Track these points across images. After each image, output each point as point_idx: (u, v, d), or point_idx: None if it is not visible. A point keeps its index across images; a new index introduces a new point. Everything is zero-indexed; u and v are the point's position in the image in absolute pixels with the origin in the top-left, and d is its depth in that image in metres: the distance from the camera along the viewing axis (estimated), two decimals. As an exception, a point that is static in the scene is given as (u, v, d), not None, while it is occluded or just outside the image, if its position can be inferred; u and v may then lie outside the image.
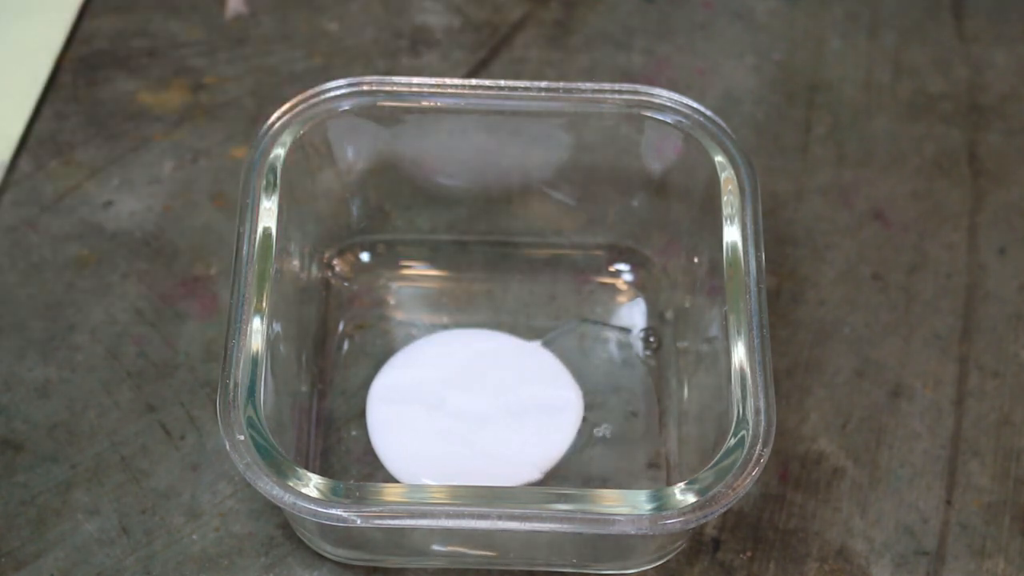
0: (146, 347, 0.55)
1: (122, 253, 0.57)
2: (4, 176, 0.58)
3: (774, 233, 0.59)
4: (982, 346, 0.56)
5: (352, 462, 0.53)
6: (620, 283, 0.57)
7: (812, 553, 0.52)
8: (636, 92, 0.53)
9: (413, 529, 0.47)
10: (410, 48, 0.63)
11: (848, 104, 0.62)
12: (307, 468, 0.47)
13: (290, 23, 0.63)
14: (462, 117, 0.53)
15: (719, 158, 0.51)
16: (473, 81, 0.53)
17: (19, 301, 0.56)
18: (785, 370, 0.55)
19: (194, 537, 0.52)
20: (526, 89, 0.52)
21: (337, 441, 0.54)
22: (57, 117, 0.60)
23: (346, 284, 0.57)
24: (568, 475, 0.53)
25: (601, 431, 0.54)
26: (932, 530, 0.53)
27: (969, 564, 0.52)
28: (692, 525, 0.45)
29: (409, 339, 0.55)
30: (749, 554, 0.52)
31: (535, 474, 0.52)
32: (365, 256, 0.57)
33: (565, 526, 0.45)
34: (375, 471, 0.53)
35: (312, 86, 0.53)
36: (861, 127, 0.61)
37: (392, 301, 0.57)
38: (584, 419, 0.54)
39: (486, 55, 0.63)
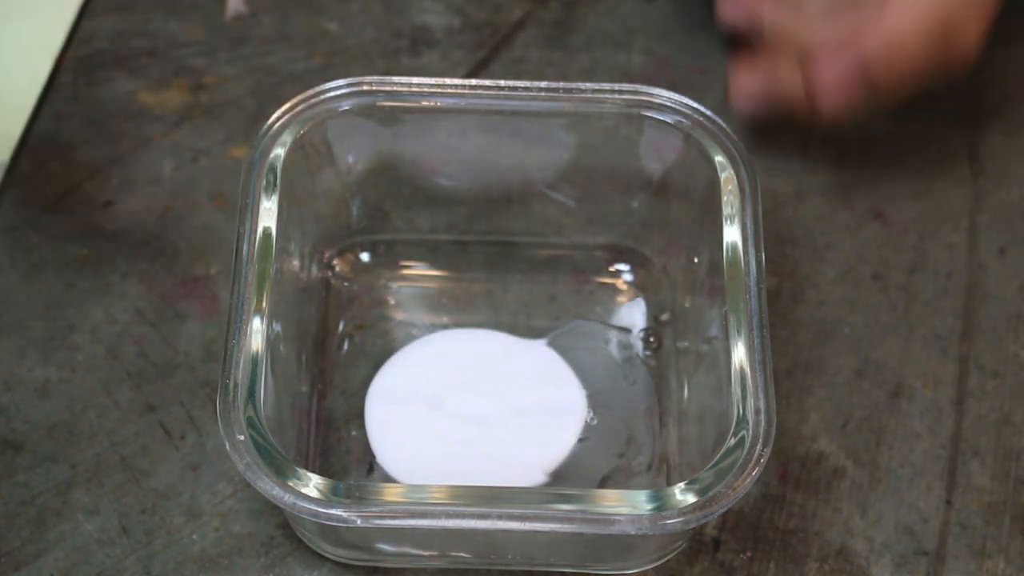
0: (146, 347, 0.55)
1: (122, 253, 0.57)
2: (4, 176, 0.58)
3: (774, 233, 0.59)
4: (982, 346, 0.56)
5: (352, 462, 0.53)
6: (620, 283, 0.57)
7: (812, 553, 0.52)
8: (636, 92, 0.53)
9: (412, 529, 0.47)
10: (410, 48, 0.63)
11: (848, 104, 0.62)
12: (307, 468, 0.47)
13: (290, 23, 0.63)
14: (462, 117, 0.53)
15: (719, 158, 0.51)
16: (473, 81, 0.53)
17: (19, 301, 0.56)
18: (785, 370, 0.55)
19: (194, 537, 0.52)
20: (526, 89, 0.52)
21: (337, 441, 0.53)
22: (57, 117, 0.60)
23: (346, 284, 0.57)
24: (568, 475, 0.53)
25: (601, 431, 0.54)
26: (932, 530, 0.53)
27: (969, 564, 0.52)
28: (692, 525, 0.45)
29: (409, 339, 0.55)
30: (749, 554, 0.52)
31: (540, 477, 0.52)
32: (365, 256, 0.57)
33: (565, 526, 0.45)
34: (375, 472, 0.53)
35: (312, 86, 0.53)
36: (861, 127, 0.61)
37: (392, 301, 0.57)
38: (585, 419, 0.54)
39: (486, 55, 0.63)
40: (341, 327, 0.56)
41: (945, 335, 0.56)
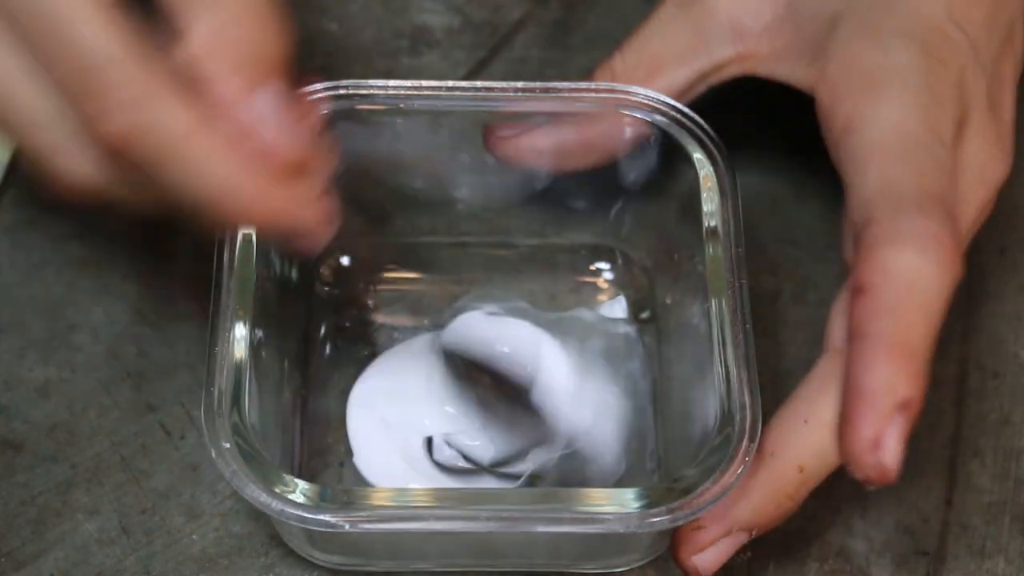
0: (146, 347, 0.55)
1: (122, 253, 0.57)
2: (4, 176, 0.58)
3: (774, 233, 0.59)
4: (982, 346, 0.56)
5: (337, 468, 0.53)
6: (600, 281, 0.57)
7: (812, 553, 0.52)
8: (612, 90, 0.53)
9: (403, 533, 0.47)
10: (410, 48, 0.63)
11: (849, 103, 0.62)
12: (293, 474, 0.46)
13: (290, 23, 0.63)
14: (439, 119, 0.53)
15: (697, 155, 0.52)
16: (449, 83, 0.52)
17: (19, 301, 0.56)
18: (785, 370, 0.55)
19: (194, 537, 0.52)
20: (502, 90, 0.52)
21: (323, 446, 0.53)
22: (58, 117, 0.60)
23: (327, 288, 0.56)
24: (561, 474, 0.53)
25: (591, 430, 0.54)
26: (932, 530, 0.53)
27: (969, 564, 0.52)
28: (681, 522, 0.45)
29: (392, 342, 0.55)
30: (749, 554, 0.52)
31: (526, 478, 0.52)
32: (346, 260, 0.57)
33: (555, 527, 0.45)
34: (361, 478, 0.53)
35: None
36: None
37: (372, 304, 0.56)
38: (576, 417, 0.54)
39: (486, 55, 0.63)
40: (323, 331, 0.55)
41: (945, 335, 0.56)
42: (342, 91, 0.52)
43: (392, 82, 0.52)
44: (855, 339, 0.44)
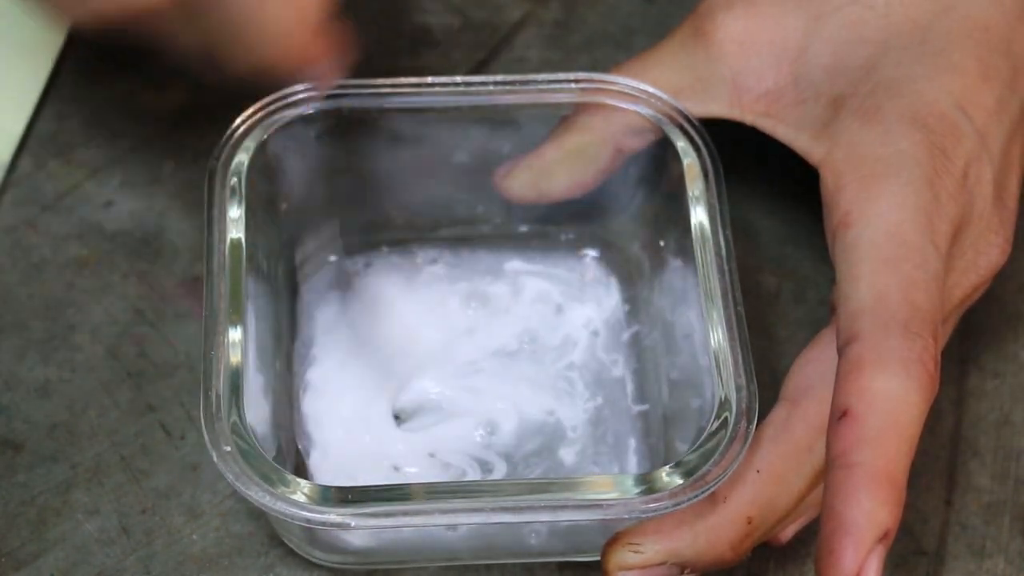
0: (146, 347, 0.55)
1: (122, 253, 0.57)
2: (4, 176, 0.59)
3: (775, 233, 0.59)
4: (982, 346, 0.56)
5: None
6: (590, 269, 0.57)
7: (812, 553, 0.52)
8: (592, 80, 0.53)
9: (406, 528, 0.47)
10: (410, 48, 0.63)
11: (849, 104, 0.62)
12: (290, 472, 0.46)
13: (290, 23, 0.63)
14: (421, 115, 0.53)
15: (681, 143, 0.52)
16: (429, 79, 0.53)
17: (19, 301, 0.56)
18: (785, 370, 0.55)
19: (194, 537, 0.52)
20: (482, 83, 0.53)
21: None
22: (57, 117, 0.60)
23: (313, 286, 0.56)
24: (554, 467, 0.53)
25: (584, 419, 0.54)
26: (932, 530, 0.53)
27: (969, 564, 0.52)
28: (683, 505, 0.45)
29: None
30: (748, 554, 0.52)
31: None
32: (332, 259, 0.57)
33: (558, 515, 0.45)
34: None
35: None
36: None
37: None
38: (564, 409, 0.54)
39: (486, 55, 0.63)
40: (309, 329, 0.55)
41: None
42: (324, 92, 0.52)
43: (373, 80, 0.52)
44: (838, 467, 0.43)
